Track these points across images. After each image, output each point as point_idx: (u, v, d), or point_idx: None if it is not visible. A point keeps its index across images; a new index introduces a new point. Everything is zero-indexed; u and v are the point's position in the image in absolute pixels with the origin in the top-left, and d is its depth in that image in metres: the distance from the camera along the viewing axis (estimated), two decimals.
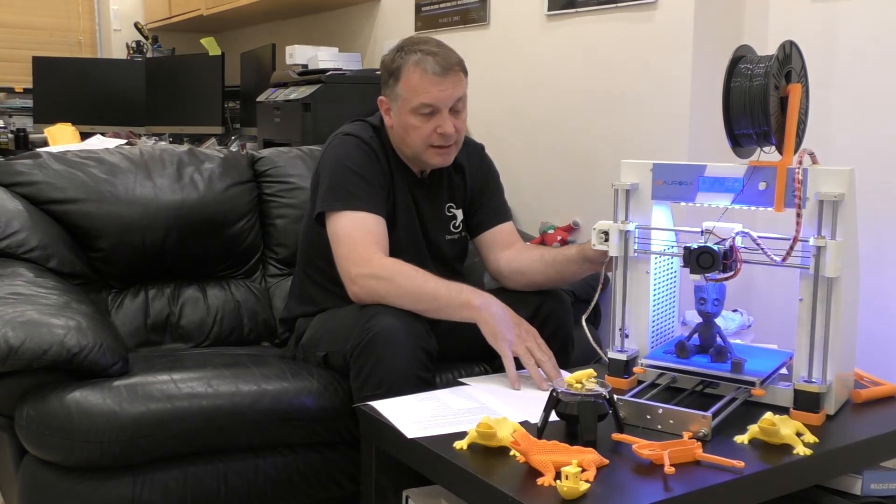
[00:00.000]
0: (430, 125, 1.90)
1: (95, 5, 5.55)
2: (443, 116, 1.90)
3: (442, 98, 1.89)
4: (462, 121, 1.95)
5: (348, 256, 1.83)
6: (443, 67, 1.88)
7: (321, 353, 1.92)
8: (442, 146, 1.93)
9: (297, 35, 4.24)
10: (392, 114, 1.96)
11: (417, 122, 1.90)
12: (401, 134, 1.95)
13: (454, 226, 2.09)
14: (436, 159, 1.95)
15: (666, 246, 1.73)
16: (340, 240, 1.86)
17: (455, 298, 1.78)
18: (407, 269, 1.81)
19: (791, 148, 1.56)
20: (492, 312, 1.76)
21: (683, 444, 1.36)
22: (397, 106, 1.93)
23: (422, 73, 1.88)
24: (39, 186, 2.24)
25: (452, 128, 1.91)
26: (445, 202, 2.07)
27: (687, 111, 2.28)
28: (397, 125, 1.95)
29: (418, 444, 1.43)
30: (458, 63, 1.93)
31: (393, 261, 1.83)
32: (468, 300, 1.77)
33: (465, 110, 1.96)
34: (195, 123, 4.36)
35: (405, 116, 1.91)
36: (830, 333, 1.53)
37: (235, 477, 1.82)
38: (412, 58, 1.90)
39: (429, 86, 1.88)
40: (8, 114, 5.11)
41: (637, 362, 1.70)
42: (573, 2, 2.59)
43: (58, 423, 1.67)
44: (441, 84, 1.88)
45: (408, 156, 1.99)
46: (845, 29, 2.12)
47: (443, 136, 1.91)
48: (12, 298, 1.81)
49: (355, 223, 1.86)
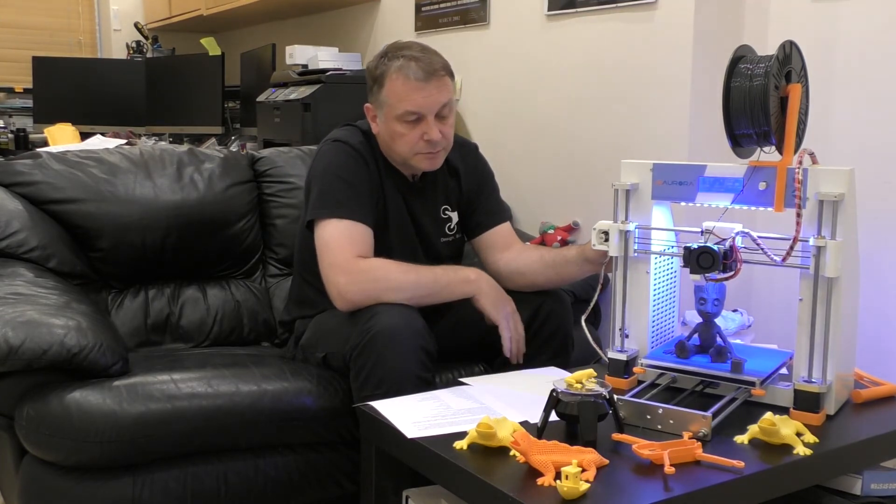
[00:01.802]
0: (416, 132, 1.88)
1: (95, 5, 5.55)
2: (428, 123, 1.88)
3: (426, 105, 1.86)
4: (449, 126, 1.93)
5: (333, 264, 1.83)
6: (426, 73, 1.85)
7: (320, 353, 1.92)
8: (429, 152, 1.92)
9: (297, 35, 4.24)
10: (378, 121, 1.94)
11: (403, 130, 1.89)
12: (387, 141, 1.94)
13: (449, 228, 2.08)
14: (424, 164, 1.94)
15: (666, 246, 1.73)
16: (325, 248, 1.85)
17: (453, 276, 1.86)
18: (393, 264, 1.83)
19: (791, 148, 1.56)
20: (491, 285, 1.88)
21: (683, 444, 1.36)
22: (383, 113, 1.91)
23: (404, 80, 1.85)
24: (39, 186, 2.24)
25: (439, 134, 1.89)
26: (440, 205, 2.06)
27: (687, 111, 2.28)
28: (383, 132, 1.94)
29: (418, 444, 1.43)
30: (443, 67, 1.90)
31: (378, 259, 1.84)
32: (466, 276, 1.86)
33: (451, 115, 1.93)
34: (195, 123, 4.36)
35: (391, 124, 1.90)
36: (830, 333, 1.53)
37: (235, 477, 1.82)
38: (395, 64, 1.87)
39: (412, 92, 1.85)
40: (8, 114, 5.11)
41: (637, 362, 1.70)
42: (573, 2, 2.59)
43: (58, 423, 1.67)
44: (425, 90, 1.86)
45: (397, 161, 1.98)
46: (845, 29, 2.12)
47: (429, 143, 1.89)
48: (12, 298, 1.81)
49: (341, 231, 1.85)
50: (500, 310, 1.86)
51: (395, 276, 1.81)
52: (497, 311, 1.85)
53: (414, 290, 1.80)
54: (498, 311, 1.85)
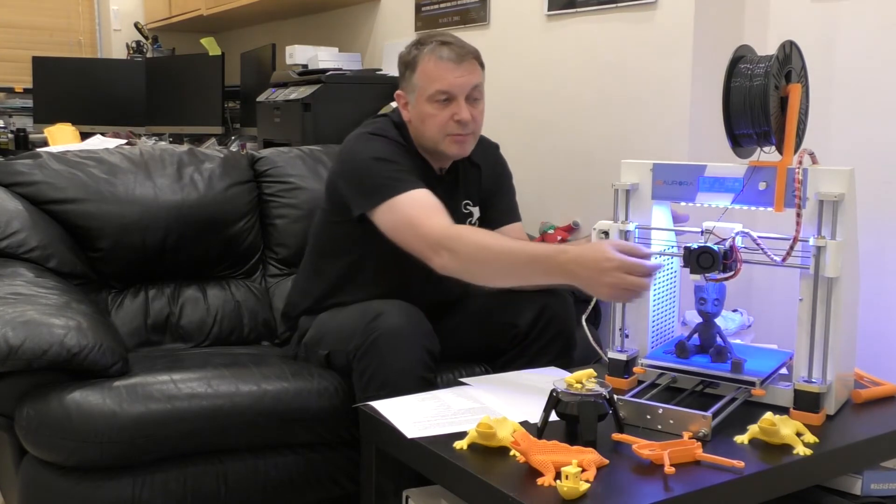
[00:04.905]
0: (447, 112, 1.90)
1: (95, 5, 5.55)
2: (459, 104, 1.90)
3: (458, 84, 1.89)
4: (479, 111, 1.96)
5: (420, 236, 1.77)
6: (458, 55, 1.90)
7: (323, 351, 1.92)
8: (459, 134, 1.92)
9: (297, 35, 4.24)
10: (409, 106, 1.96)
11: (434, 110, 1.91)
12: (417, 125, 1.95)
13: (470, 223, 2.07)
14: (453, 148, 1.95)
15: (666, 246, 1.73)
16: (403, 226, 1.81)
17: (549, 268, 1.66)
18: (486, 239, 1.75)
19: (791, 148, 1.56)
20: (580, 271, 1.61)
21: (683, 444, 1.36)
22: (414, 97, 1.94)
23: (436, 61, 1.89)
24: (39, 186, 2.24)
25: (469, 115, 1.91)
26: (462, 199, 2.06)
27: (687, 111, 2.28)
28: (414, 116, 1.95)
29: (418, 444, 1.43)
30: (474, 53, 1.95)
31: (466, 232, 1.79)
32: (560, 268, 1.64)
33: (482, 99, 1.96)
34: (195, 123, 4.36)
35: (422, 105, 1.92)
36: (830, 333, 1.53)
37: (235, 477, 1.82)
38: (427, 47, 1.92)
39: (444, 72, 1.89)
40: (8, 114, 5.11)
41: (637, 362, 1.70)
42: (573, 2, 2.59)
43: (58, 424, 1.67)
44: (456, 71, 1.89)
45: (427, 148, 1.98)
46: (845, 29, 2.12)
47: (460, 124, 1.91)
48: (12, 298, 1.81)
49: (411, 203, 1.81)
50: (598, 293, 1.66)
51: (493, 265, 1.73)
52: (596, 294, 1.68)
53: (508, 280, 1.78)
54: (598, 295, 1.68)
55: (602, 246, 1.59)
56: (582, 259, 1.59)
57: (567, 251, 1.64)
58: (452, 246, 1.74)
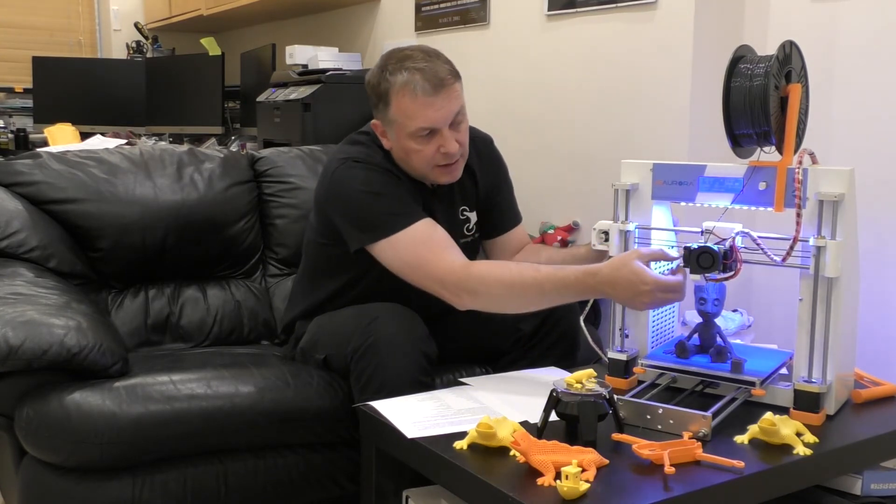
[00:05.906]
0: (432, 146, 1.80)
1: (95, 5, 5.55)
2: (443, 135, 1.80)
3: (439, 118, 1.78)
4: (463, 132, 1.86)
5: (433, 276, 1.74)
6: (434, 85, 1.76)
7: (321, 355, 1.91)
8: (447, 164, 1.85)
9: (297, 35, 4.24)
10: (389, 137, 1.85)
11: (418, 146, 1.80)
12: (402, 156, 1.86)
13: (468, 228, 2.03)
14: (443, 178, 1.87)
15: (666, 246, 1.73)
16: (411, 267, 1.76)
17: (581, 290, 1.66)
18: (501, 272, 1.72)
19: (791, 148, 1.56)
20: (616, 287, 1.61)
21: (683, 444, 1.36)
22: (393, 131, 1.83)
23: (412, 97, 1.76)
24: (39, 186, 2.24)
25: (455, 145, 1.81)
26: (458, 206, 2.01)
27: (687, 111, 2.28)
28: (397, 148, 1.85)
29: (418, 444, 1.43)
30: (450, 73, 1.80)
31: (485, 272, 1.73)
32: (593, 288, 1.65)
33: (465, 119, 1.86)
34: (195, 123, 4.36)
35: (403, 141, 1.81)
36: (830, 333, 1.53)
37: (235, 477, 1.82)
38: (399, 79, 1.77)
39: (423, 109, 1.76)
40: (8, 114, 5.11)
41: (637, 362, 1.70)
42: (573, 2, 2.59)
43: (58, 424, 1.67)
44: (436, 103, 1.76)
45: (415, 174, 1.90)
46: (845, 29, 2.12)
47: (446, 155, 1.82)
48: (12, 298, 1.81)
49: (415, 241, 1.76)
50: (633, 307, 1.68)
51: (518, 300, 1.72)
52: (630, 308, 1.70)
53: (530, 305, 1.75)
54: (633, 308, 1.69)
55: (633, 266, 1.58)
56: (615, 281, 1.60)
57: (596, 273, 1.62)
58: (473, 288, 1.71)
